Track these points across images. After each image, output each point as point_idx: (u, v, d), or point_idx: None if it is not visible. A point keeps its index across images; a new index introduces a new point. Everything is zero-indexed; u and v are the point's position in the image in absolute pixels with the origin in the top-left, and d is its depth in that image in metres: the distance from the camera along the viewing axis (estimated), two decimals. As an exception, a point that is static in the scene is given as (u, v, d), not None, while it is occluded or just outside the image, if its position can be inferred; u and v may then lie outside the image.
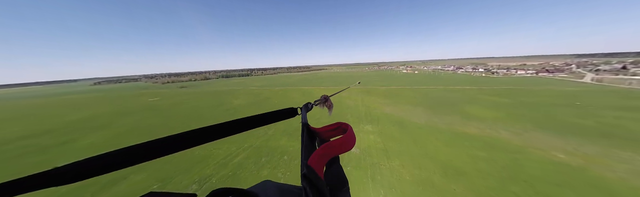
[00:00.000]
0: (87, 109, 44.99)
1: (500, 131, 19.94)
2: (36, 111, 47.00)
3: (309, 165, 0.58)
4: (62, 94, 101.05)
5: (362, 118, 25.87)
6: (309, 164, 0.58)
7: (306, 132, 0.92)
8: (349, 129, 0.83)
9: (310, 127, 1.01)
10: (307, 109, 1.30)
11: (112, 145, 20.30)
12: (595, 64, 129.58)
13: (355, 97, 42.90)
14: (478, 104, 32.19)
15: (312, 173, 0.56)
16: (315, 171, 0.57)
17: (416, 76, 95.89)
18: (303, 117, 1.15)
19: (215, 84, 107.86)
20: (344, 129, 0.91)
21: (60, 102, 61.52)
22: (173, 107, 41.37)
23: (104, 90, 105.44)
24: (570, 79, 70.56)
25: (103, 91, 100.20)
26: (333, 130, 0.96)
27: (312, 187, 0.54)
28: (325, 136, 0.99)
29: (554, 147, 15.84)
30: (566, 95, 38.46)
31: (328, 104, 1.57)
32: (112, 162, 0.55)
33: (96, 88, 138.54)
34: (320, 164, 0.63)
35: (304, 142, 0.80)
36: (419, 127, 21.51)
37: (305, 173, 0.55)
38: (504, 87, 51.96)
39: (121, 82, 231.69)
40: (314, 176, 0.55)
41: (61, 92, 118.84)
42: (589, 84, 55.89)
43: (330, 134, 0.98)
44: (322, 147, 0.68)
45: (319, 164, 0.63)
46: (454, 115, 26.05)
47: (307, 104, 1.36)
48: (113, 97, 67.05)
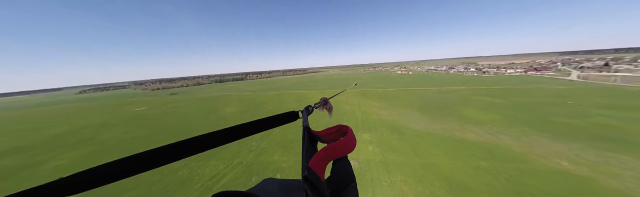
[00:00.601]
0: (71, 121, 42.47)
1: (499, 135, 19.59)
2: (18, 125, 44.05)
3: (310, 167, 0.59)
4: (46, 104, 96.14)
5: (359, 125, 25.15)
6: (310, 167, 0.59)
7: (307, 136, 0.94)
8: (349, 132, 0.86)
9: (311, 130, 1.02)
10: (308, 112, 1.30)
11: (84, 166, 18.50)
12: (579, 61, 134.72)
13: (351, 101, 42.29)
14: (473, 106, 32.10)
15: (313, 175, 0.56)
16: (317, 173, 0.58)
17: (410, 77, 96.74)
18: (304, 120, 1.14)
19: (207, 90, 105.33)
20: (344, 132, 0.93)
21: (44, 114, 58.16)
22: (160, 118, 39.50)
23: (90, 100, 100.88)
24: (558, 76, 72.57)
25: (88, 100, 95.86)
26: (333, 133, 0.98)
27: (314, 190, 0.54)
28: (326, 138, 1.01)
29: (556, 154, 15.50)
30: (556, 94, 39.10)
31: (328, 107, 1.56)
32: (105, 174, 0.54)
33: (81, 97, 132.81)
34: (321, 167, 0.64)
35: (305, 145, 0.82)
36: (417, 134, 20.93)
37: (306, 175, 0.55)
38: (496, 86, 52.62)
39: (108, 90, 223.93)
40: (315, 178, 0.56)
41: (45, 102, 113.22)
42: (576, 82, 57.43)
43: (331, 137, 0.99)
44: (323, 150, 0.70)
45: (320, 166, 0.64)
46: (451, 119, 25.70)
47: (307, 107, 1.37)
48: (98, 107, 64.01)
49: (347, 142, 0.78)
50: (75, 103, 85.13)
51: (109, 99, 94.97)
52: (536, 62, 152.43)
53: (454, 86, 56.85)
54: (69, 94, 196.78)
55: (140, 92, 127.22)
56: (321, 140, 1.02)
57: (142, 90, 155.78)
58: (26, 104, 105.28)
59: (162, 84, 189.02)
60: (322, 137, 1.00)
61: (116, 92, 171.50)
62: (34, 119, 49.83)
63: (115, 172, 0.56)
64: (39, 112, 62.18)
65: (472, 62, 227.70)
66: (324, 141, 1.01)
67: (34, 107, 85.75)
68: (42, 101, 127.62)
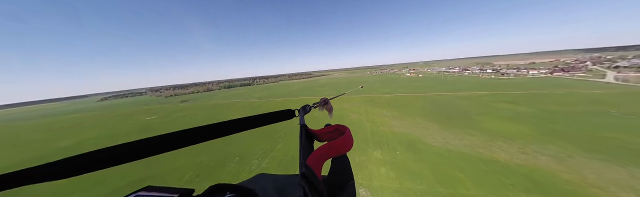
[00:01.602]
0: (81, 132, 43.55)
1: (536, 155, 16.64)
2: (32, 135, 45.90)
3: (308, 165, 0.60)
4: (68, 112, 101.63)
5: (368, 139, 22.91)
6: (307, 164, 0.61)
7: (304, 134, 0.95)
8: (346, 132, 0.88)
9: (308, 128, 1.04)
10: (304, 111, 1.31)
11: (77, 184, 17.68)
12: (611, 59, 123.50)
13: (358, 109, 40.05)
14: (497, 116, 28.80)
15: (310, 172, 0.58)
16: (314, 171, 0.60)
17: (421, 80, 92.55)
18: (301, 119, 1.15)
19: (216, 96, 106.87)
20: (342, 132, 0.95)
21: (60, 124, 60.78)
22: (167, 127, 39.38)
23: (108, 107, 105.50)
24: (590, 78, 66.03)
25: (105, 108, 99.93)
26: (331, 132, 1.01)
27: (310, 186, 0.55)
28: (324, 137, 1.03)
29: (616, 183, 12.50)
30: (594, 101, 34.60)
31: (328, 107, 1.57)
32: (101, 159, 0.56)
33: (102, 105, 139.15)
34: (318, 164, 0.66)
35: (303, 143, 0.84)
36: (437, 152, 18.39)
37: (304, 172, 0.57)
38: (519, 91, 48.18)
39: (127, 97, 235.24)
40: (312, 175, 0.57)
41: (68, 110, 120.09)
42: (615, 85, 51.46)
43: (328, 136, 1.02)
44: (320, 148, 0.72)
45: (317, 164, 0.66)
46: (473, 131, 22.83)
47: (305, 107, 1.38)
48: (112, 116, 66.13)
49: (345, 141, 0.80)
50: (93, 112, 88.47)
51: (125, 107, 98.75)
52: (561, 62, 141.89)
53: (470, 91, 52.86)
54: (92, 102, 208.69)
55: (155, 99, 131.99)
56: (318, 139, 1.04)
57: (157, 96, 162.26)
58: (48, 113, 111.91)
59: (175, 90, 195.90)
60: (320, 136, 1.03)
61: (134, 99, 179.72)
62: (50, 129, 51.91)
63: (104, 159, 0.57)
64: (57, 122, 65.14)
65: (487, 62, 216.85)
66: (321, 140, 1.02)
67: (54, 115, 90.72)
68: (64, 109, 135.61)
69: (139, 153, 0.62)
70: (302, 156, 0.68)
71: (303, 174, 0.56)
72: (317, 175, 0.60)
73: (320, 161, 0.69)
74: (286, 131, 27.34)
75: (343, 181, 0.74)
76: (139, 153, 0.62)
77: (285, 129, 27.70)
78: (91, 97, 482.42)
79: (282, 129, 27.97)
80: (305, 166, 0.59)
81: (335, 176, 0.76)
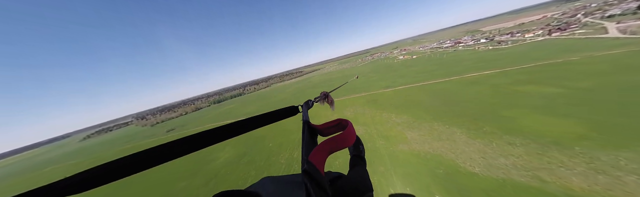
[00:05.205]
0: None
1: (618, 174, 12.15)
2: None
3: (310, 161, 0.61)
4: (41, 165, 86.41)
5: (390, 171, 18.07)
6: (309, 160, 0.61)
7: (307, 130, 0.97)
8: (348, 125, 0.89)
9: (311, 124, 1.05)
10: (307, 106, 1.32)
11: None
12: (601, 8, 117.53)
13: (363, 117, 35.06)
14: (526, 106, 24.07)
15: (313, 168, 0.58)
16: (316, 166, 0.60)
17: (416, 63, 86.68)
18: (304, 115, 1.18)
19: (205, 117, 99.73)
20: (343, 126, 0.96)
21: (26, 185, 54.66)
22: (142, 182, 34.06)
23: (87, 151, 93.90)
24: (593, 35, 61.03)
25: (85, 152, 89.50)
26: (333, 126, 1.02)
27: (313, 182, 0.55)
28: (326, 132, 1.05)
29: None
30: (626, 66, 29.84)
31: (329, 101, 1.62)
32: (117, 170, 0.58)
33: (83, 146, 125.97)
34: (321, 160, 0.66)
35: (305, 139, 0.86)
36: (487, 188, 13.74)
37: (306, 168, 0.57)
38: (530, 64, 43.11)
39: (111, 131, 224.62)
40: (315, 171, 0.58)
41: (41, 161, 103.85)
42: (626, 40, 46.64)
43: (330, 130, 1.04)
44: (322, 143, 0.73)
45: (320, 159, 0.66)
46: (512, 138, 18.16)
47: (307, 102, 1.39)
48: (91, 165, 60.63)
49: (346, 135, 0.80)
50: (71, 160, 77.01)
51: (106, 146, 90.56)
52: (550, 18, 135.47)
53: (476, 71, 47.66)
54: (74, 142, 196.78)
55: (140, 131, 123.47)
56: (321, 133, 1.06)
57: (142, 126, 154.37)
58: (16, 170, 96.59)
59: (163, 114, 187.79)
60: (322, 131, 1.05)
61: (118, 132, 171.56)
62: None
63: (115, 171, 0.58)
64: (25, 182, 57.68)
65: (475, 29, 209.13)
66: (324, 135, 1.04)
67: (22, 173, 78.35)
68: (39, 159, 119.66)
69: (157, 159, 0.63)
70: (304, 152, 0.69)
71: (305, 171, 0.56)
72: (320, 170, 0.59)
73: (323, 156, 0.68)
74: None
75: (362, 191, 0.71)
76: (157, 159, 0.63)
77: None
78: (74, 135, 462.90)
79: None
80: (307, 162, 0.59)
81: (351, 184, 0.73)
